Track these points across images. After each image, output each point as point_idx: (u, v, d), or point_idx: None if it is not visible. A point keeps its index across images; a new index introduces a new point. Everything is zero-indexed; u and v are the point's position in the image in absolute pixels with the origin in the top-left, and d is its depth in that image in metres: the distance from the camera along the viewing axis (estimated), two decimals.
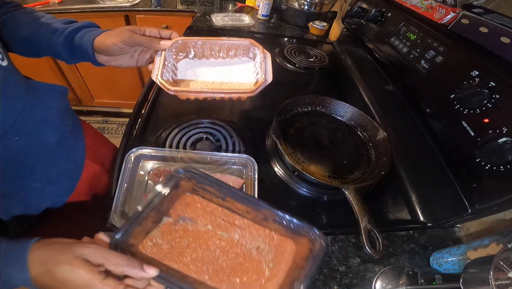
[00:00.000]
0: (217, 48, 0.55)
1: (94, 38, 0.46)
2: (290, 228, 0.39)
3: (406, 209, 0.56)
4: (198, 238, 0.39)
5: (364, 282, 0.44)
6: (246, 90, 0.46)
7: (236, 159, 0.54)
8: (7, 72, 0.39)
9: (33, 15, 0.48)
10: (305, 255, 0.37)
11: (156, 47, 0.48)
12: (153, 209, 0.37)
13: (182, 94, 0.47)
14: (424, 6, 0.67)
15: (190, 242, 0.39)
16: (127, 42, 0.46)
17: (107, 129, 1.79)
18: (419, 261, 0.47)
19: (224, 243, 0.39)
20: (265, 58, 0.51)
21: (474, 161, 0.43)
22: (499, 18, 0.51)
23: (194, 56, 0.55)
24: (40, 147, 0.45)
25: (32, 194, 0.46)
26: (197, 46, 0.54)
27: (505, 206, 0.42)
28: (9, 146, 0.40)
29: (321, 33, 1.20)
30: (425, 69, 0.58)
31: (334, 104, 0.71)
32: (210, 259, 0.38)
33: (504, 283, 0.28)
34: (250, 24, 1.18)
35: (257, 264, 0.38)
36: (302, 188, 0.55)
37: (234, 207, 0.41)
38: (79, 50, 0.47)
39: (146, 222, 0.37)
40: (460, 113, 0.47)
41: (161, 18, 1.36)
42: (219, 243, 0.39)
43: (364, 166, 0.61)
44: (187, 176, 0.40)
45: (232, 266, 0.38)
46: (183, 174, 0.40)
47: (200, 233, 0.40)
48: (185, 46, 0.53)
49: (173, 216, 0.40)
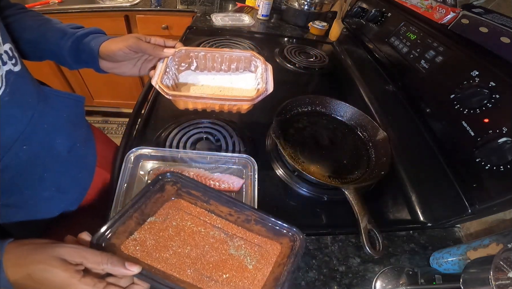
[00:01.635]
0: (219, 60, 0.56)
1: (100, 44, 0.47)
2: (272, 229, 0.41)
3: (406, 209, 0.56)
4: (183, 235, 0.41)
5: (364, 282, 0.44)
6: (246, 98, 0.47)
7: (236, 159, 0.54)
8: (18, 78, 0.38)
9: (40, 18, 0.48)
10: (287, 254, 0.39)
11: (159, 54, 0.49)
12: (137, 210, 0.38)
13: (180, 101, 0.47)
14: (424, 6, 0.67)
15: (173, 237, 0.40)
16: (132, 48, 0.46)
17: (107, 129, 1.79)
18: (419, 261, 0.47)
19: (208, 242, 0.41)
20: (267, 69, 0.53)
21: (474, 161, 0.43)
22: (499, 18, 0.51)
23: (196, 68, 0.56)
24: (50, 156, 0.44)
25: (40, 202, 0.45)
26: (199, 57, 0.55)
27: (505, 206, 0.42)
28: (18, 154, 0.39)
29: (321, 33, 1.20)
30: (425, 69, 0.58)
31: (334, 104, 0.71)
32: (196, 255, 0.39)
33: (504, 283, 0.28)
34: (250, 24, 1.18)
35: (240, 263, 0.40)
36: (302, 188, 0.55)
37: (218, 210, 0.43)
38: (84, 55, 0.48)
39: (130, 222, 0.37)
40: (460, 113, 0.47)
41: (161, 18, 1.36)
42: (203, 241, 0.41)
43: (364, 166, 0.61)
44: (172, 179, 0.42)
45: (215, 263, 0.39)
46: (169, 177, 0.41)
47: (185, 231, 0.41)
48: (187, 57, 0.54)
49: (157, 217, 0.41)
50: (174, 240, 0.40)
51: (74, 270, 0.28)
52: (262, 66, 0.53)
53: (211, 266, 0.38)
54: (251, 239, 0.42)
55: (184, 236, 0.40)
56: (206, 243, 0.40)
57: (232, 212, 0.42)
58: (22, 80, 0.39)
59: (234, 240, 0.42)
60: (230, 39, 0.99)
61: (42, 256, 0.28)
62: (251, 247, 0.42)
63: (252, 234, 0.43)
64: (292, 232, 0.40)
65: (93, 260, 0.30)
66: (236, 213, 0.42)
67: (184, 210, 0.43)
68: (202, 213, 0.44)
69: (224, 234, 0.42)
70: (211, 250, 0.40)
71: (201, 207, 0.44)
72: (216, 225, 0.43)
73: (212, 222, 0.43)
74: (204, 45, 0.92)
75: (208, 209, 0.44)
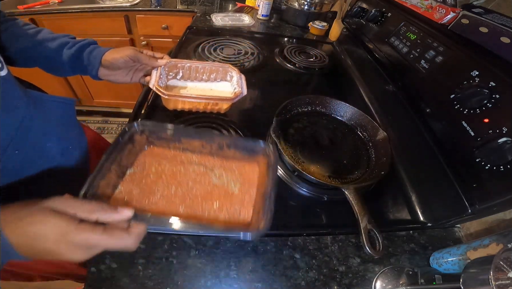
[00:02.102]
0: (201, 70, 0.67)
1: (103, 53, 0.54)
2: (245, 149, 0.44)
3: (406, 209, 0.56)
4: (164, 178, 0.42)
5: (364, 282, 0.44)
6: (227, 98, 0.58)
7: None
8: (6, 82, 0.38)
9: (31, 27, 0.52)
10: (267, 172, 0.41)
11: (153, 64, 0.59)
12: (113, 162, 0.38)
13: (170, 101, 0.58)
14: (424, 6, 0.67)
15: (156, 181, 0.41)
16: (132, 57, 0.55)
17: (107, 129, 1.79)
18: (419, 261, 0.47)
19: (190, 178, 0.42)
20: (241, 78, 0.64)
21: (474, 161, 0.43)
22: (499, 18, 0.51)
23: (182, 77, 0.67)
24: (43, 159, 0.45)
25: None
26: (185, 68, 0.65)
27: (505, 206, 0.42)
28: (11, 159, 0.39)
29: (321, 33, 1.20)
30: (425, 69, 0.58)
31: (334, 104, 0.71)
32: (182, 193, 0.40)
33: (504, 283, 0.28)
34: (250, 24, 1.18)
35: (225, 190, 0.42)
36: (302, 188, 0.55)
37: (191, 146, 0.45)
38: (84, 63, 0.54)
39: (110, 175, 0.37)
40: (460, 113, 0.47)
41: (161, 18, 1.36)
42: (186, 178, 0.42)
43: (364, 166, 0.61)
44: (139, 129, 0.43)
45: (202, 195, 0.41)
46: (135, 127, 0.42)
47: (165, 174, 0.42)
48: (175, 67, 0.65)
49: (136, 167, 0.42)
50: (158, 184, 0.41)
51: (69, 217, 0.27)
52: (237, 75, 0.65)
53: (200, 199, 0.40)
54: (229, 166, 0.45)
55: (166, 179, 0.41)
56: (188, 179, 0.42)
57: (203, 143, 0.44)
58: (9, 85, 0.39)
59: (214, 170, 0.44)
60: (230, 39, 0.99)
61: (34, 209, 0.27)
62: (231, 173, 0.44)
63: (229, 160, 0.45)
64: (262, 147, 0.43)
65: (85, 209, 0.29)
66: (208, 143, 0.44)
67: (159, 156, 0.44)
68: (177, 154, 0.45)
69: (203, 167, 0.44)
70: (195, 184, 0.41)
71: (174, 149, 0.45)
72: (193, 161, 0.44)
73: (188, 160, 0.44)
74: (204, 45, 0.92)
75: (181, 148, 0.45)
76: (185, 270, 0.41)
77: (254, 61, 0.90)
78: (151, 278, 0.39)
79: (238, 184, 0.42)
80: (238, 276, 0.41)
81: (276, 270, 0.43)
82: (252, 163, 0.45)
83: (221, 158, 0.45)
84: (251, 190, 0.42)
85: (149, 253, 0.42)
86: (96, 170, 0.35)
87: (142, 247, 0.42)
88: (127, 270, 0.39)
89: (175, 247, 0.43)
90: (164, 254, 0.42)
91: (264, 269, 0.43)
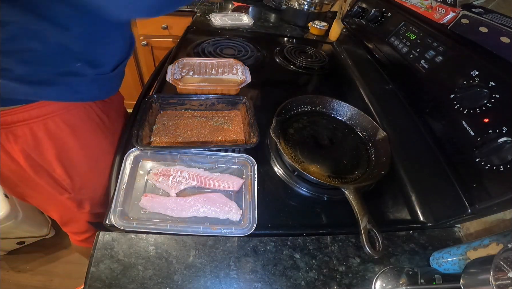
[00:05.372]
0: (210, 66, 0.76)
1: None
2: (229, 102, 0.66)
3: (406, 209, 0.56)
4: (181, 127, 0.61)
5: (364, 282, 0.44)
6: (233, 85, 0.69)
7: (236, 158, 0.54)
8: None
9: None
10: (246, 112, 0.63)
11: None
12: (145, 120, 0.56)
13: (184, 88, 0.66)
14: (424, 6, 0.67)
15: (176, 129, 0.60)
16: None
17: None
18: (419, 261, 0.47)
19: (198, 125, 0.62)
20: (245, 69, 0.74)
21: (474, 161, 0.43)
22: (499, 18, 0.51)
23: (193, 73, 0.76)
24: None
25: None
26: (195, 64, 0.75)
27: (505, 206, 0.42)
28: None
29: (321, 33, 1.20)
30: (425, 69, 0.58)
31: (334, 104, 0.71)
32: (197, 134, 0.60)
33: (504, 283, 0.28)
34: (249, 24, 1.18)
35: (223, 128, 0.63)
36: (302, 187, 0.55)
37: (191, 105, 0.65)
38: None
39: (146, 129, 0.55)
40: (460, 113, 0.47)
41: (161, 18, 1.36)
42: (194, 125, 0.62)
43: (364, 165, 0.61)
44: (153, 99, 0.61)
45: (210, 133, 0.61)
46: (152, 98, 0.61)
47: (180, 125, 0.62)
48: (188, 64, 0.74)
49: (158, 124, 0.61)
50: (177, 132, 0.60)
51: None
52: (242, 67, 0.74)
53: (209, 135, 0.60)
54: (221, 115, 0.66)
55: (182, 127, 0.61)
56: (197, 126, 0.62)
57: (201, 102, 0.65)
58: None
59: (212, 118, 0.65)
60: (230, 39, 0.99)
61: None
62: (224, 118, 0.65)
63: (220, 111, 0.67)
64: (241, 100, 0.66)
65: None
66: (204, 101, 0.65)
67: (171, 115, 0.64)
68: (183, 112, 0.65)
69: (204, 118, 0.65)
70: (202, 128, 0.62)
71: (180, 109, 0.65)
72: (196, 115, 0.65)
73: (192, 115, 0.65)
74: (204, 45, 0.92)
75: (185, 108, 0.65)
76: (185, 270, 0.41)
77: (254, 61, 0.90)
78: (151, 278, 0.39)
79: (230, 124, 0.64)
80: (238, 276, 0.41)
81: (276, 270, 0.43)
82: (236, 110, 0.67)
83: (215, 111, 0.67)
84: (239, 125, 0.64)
85: (149, 253, 0.42)
86: (135, 127, 0.53)
87: (142, 247, 0.42)
88: (127, 270, 0.39)
89: (175, 247, 0.43)
90: (164, 254, 0.42)
91: (264, 269, 0.43)
